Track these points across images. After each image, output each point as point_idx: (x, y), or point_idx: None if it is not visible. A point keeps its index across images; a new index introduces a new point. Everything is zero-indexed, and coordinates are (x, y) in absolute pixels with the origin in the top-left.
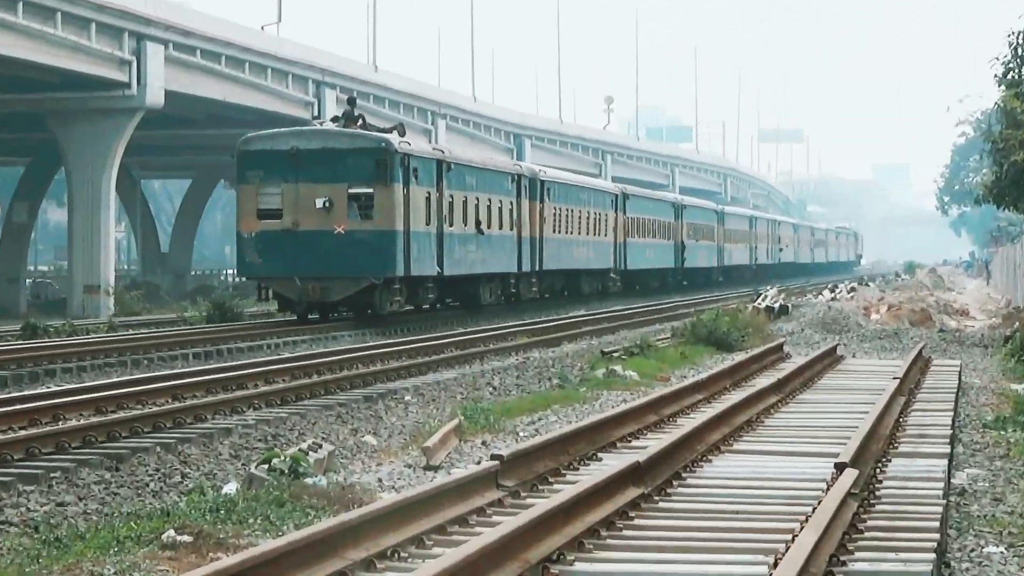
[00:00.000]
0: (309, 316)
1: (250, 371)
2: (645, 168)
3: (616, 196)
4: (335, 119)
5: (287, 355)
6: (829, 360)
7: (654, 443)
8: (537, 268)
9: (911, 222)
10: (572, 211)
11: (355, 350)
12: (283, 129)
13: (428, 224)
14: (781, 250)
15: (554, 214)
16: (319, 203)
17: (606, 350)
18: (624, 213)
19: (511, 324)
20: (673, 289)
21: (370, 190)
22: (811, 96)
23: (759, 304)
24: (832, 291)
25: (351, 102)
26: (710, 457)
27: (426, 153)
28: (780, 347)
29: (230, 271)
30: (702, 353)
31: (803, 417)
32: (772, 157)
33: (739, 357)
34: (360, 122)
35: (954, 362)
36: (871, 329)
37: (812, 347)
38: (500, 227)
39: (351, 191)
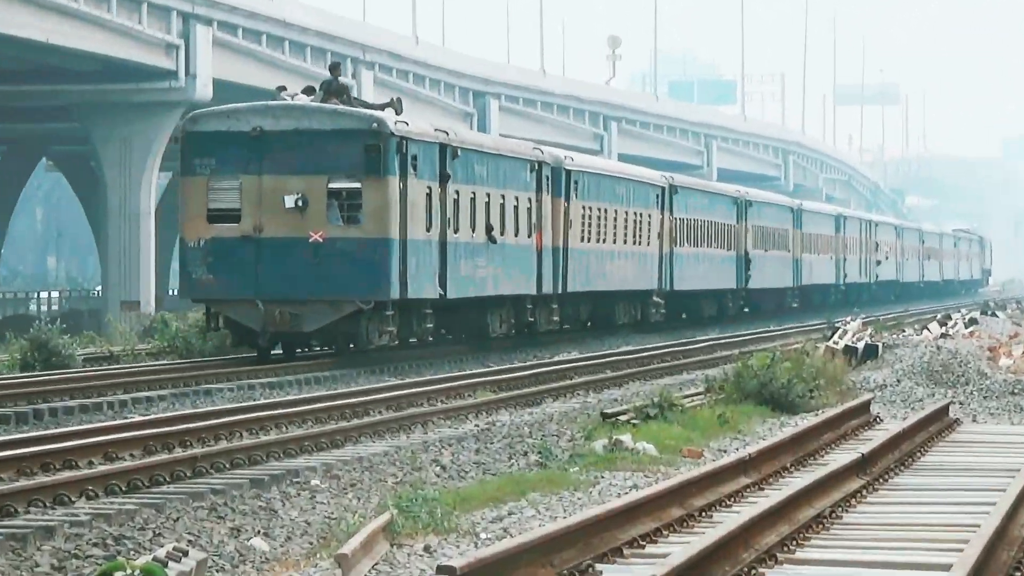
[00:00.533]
0: (272, 352)
1: (82, 442)
2: (667, 141)
3: (662, 190)
4: (309, 90)
5: (138, 418)
6: (938, 426)
7: (679, 550)
8: (560, 289)
9: None
10: (606, 211)
11: (242, 409)
12: (242, 104)
13: (428, 230)
14: (879, 263)
15: (583, 216)
16: (289, 202)
17: (609, 411)
18: (671, 213)
19: (511, 368)
20: (733, 318)
21: (357, 185)
22: (912, 41)
23: (835, 343)
24: (943, 324)
25: (334, 69)
26: (762, 570)
27: (427, 135)
28: (866, 407)
29: (56, 293)
30: (750, 416)
31: (899, 511)
32: (854, 126)
33: (805, 422)
34: (344, 95)
35: None
36: (1000, 381)
37: (913, 407)
38: (516, 233)
39: (332, 186)
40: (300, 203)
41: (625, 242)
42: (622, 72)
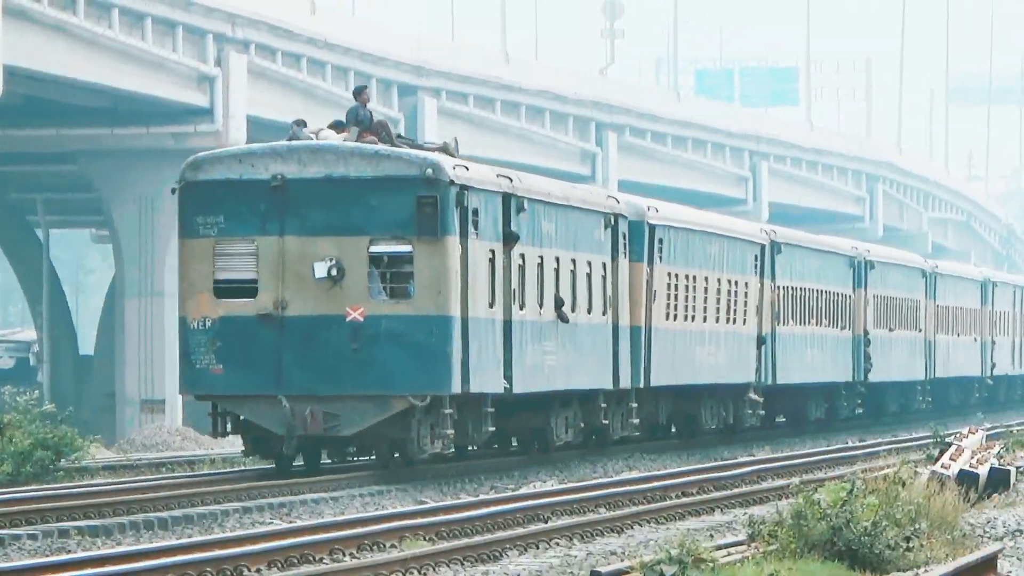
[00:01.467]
0: (294, 465)
1: None
2: (692, 163)
3: (763, 248)
4: (337, 125)
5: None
6: None
7: None
8: (642, 383)
9: None
10: (695, 278)
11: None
12: (258, 145)
13: (492, 306)
14: None
15: (669, 285)
16: (321, 270)
17: (603, 570)
18: (773, 279)
19: (455, 506)
20: (846, 422)
21: (408, 248)
22: None
23: (944, 467)
24: None
25: (359, 94)
26: None
27: (489, 183)
28: (991, 565)
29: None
30: None
31: None
32: (978, 139)
33: None
34: (383, 131)
35: None
36: None
37: None
38: (589, 309)
39: (375, 250)
40: (334, 272)
41: (719, 320)
42: (626, 56)
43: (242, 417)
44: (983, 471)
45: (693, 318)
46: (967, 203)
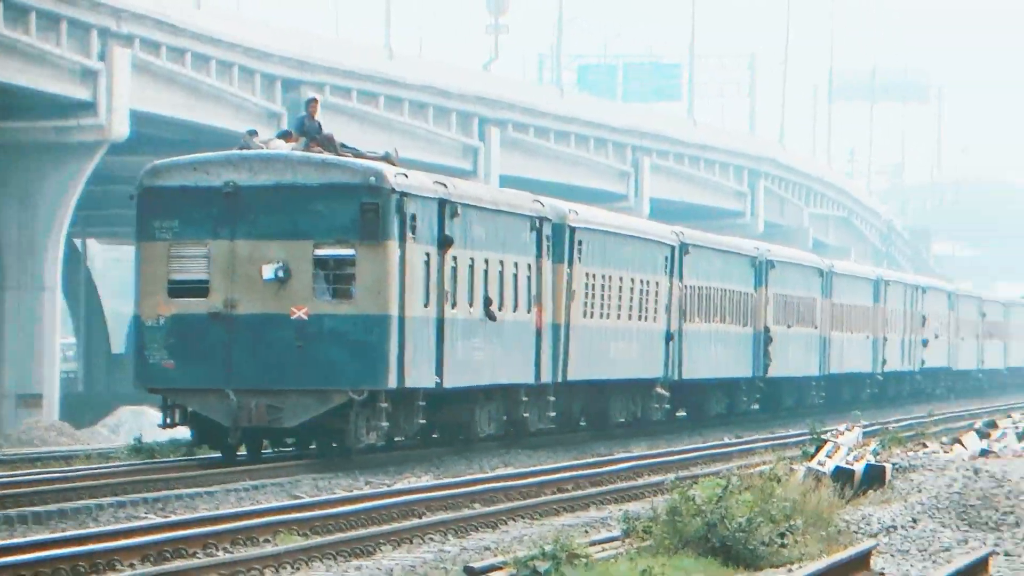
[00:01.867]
0: (239, 453)
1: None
2: (575, 157)
3: (672, 249)
4: (286, 135)
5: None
6: None
7: None
8: (561, 378)
9: None
10: (610, 278)
11: None
12: (212, 154)
13: (427, 306)
14: (926, 343)
15: (587, 284)
16: (269, 272)
17: (476, 565)
18: (681, 279)
19: (329, 501)
20: (749, 417)
21: (350, 251)
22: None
23: (820, 464)
24: (984, 436)
25: (309, 105)
26: None
27: (426, 189)
28: (865, 561)
29: None
30: (691, 572)
31: None
32: (859, 136)
33: None
34: (327, 143)
35: None
36: None
37: (935, 560)
38: (515, 308)
39: (319, 253)
40: (281, 274)
41: (630, 318)
42: (510, 52)
43: (190, 409)
44: (859, 468)
45: (608, 316)
46: (848, 199)
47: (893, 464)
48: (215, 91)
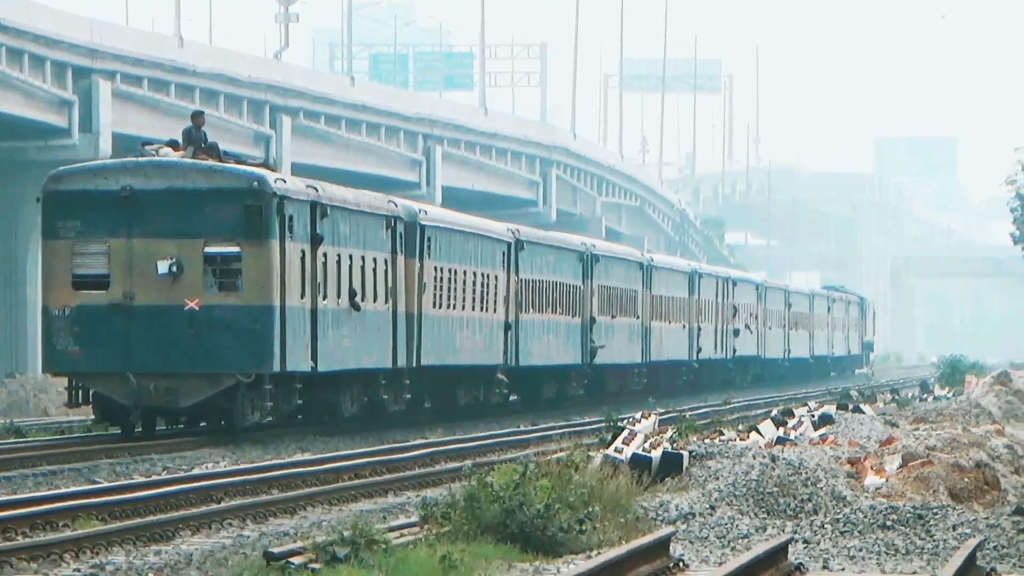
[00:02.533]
0: (136, 430)
1: None
2: (367, 147)
3: (509, 245)
4: (175, 144)
5: None
6: (772, 575)
7: None
8: (414, 363)
9: (961, 270)
10: (456, 272)
11: None
12: (110, 161)
13: (303, 297)
14: (737, 333)
15: (435, 278)
16: (163, 267)
17: (276, 550)
18: (517, 273)
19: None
20: (579, 402)
21: (236, 248)
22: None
23: (617, 451)
24: (780, 423)
25: (196, 117)
26: None
27: (301, 193)
28: (664, 547)
29: None
30: (490, 558)
31: None
32: (651, 126)
33: (572, 568)
34: (214, 150)
35: None
36: (864, 508)
37: (733, 546)
38: (375, 299)
39: (208, 250)
40: (174, 269)
41: (474, 308)
42: (301, 40)
43: (93, 391)
44: (656, 455)
45: (455, 306)
46: (641, 188)
47: (690, 451)
48: (5, 78)
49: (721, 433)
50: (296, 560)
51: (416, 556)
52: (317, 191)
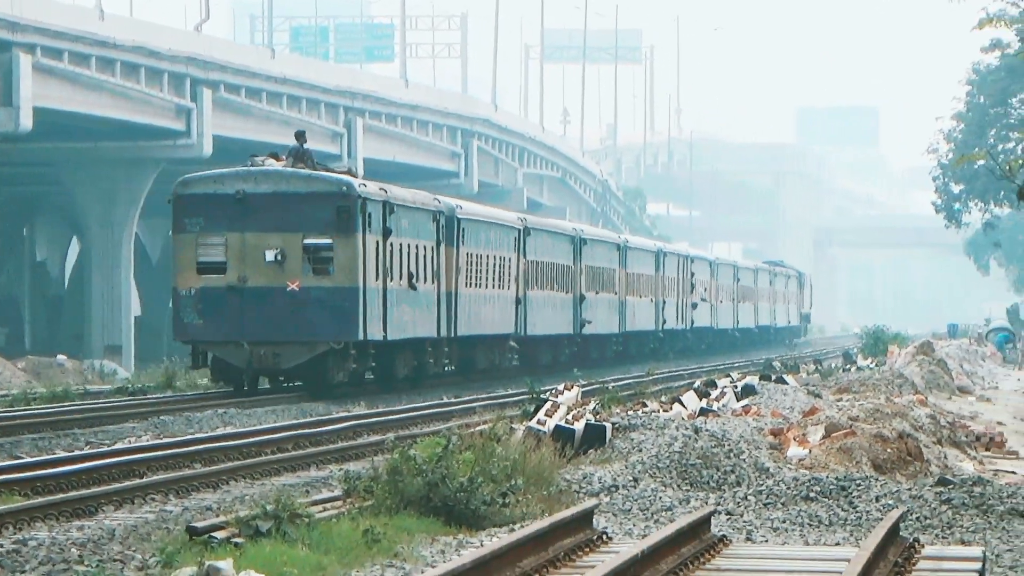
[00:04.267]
0: (245, 388)
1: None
2: (287, 118)
3: (519, 232)
4: (275, 156)
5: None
6: (694, 547)
7: None
8: (452, 333)
9: (883, 240)
10: (482, 256)
11: None
12: (227, 170)
13: (377, 279)
14: (695, 306)
15: (467, 261)
16: (270, 255)
17: (199, 525)
18: (525, 255)
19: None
20: (568, 366)
21: (328, 240)
22: None
23: (540, 423)
24: (704, 395)
25: (300, 136)
26: None
27: (376, 195)
28: (587, 519)
29: None
30: (413, 532)
31: None
32: (572, 97)
33: (495, 541)
34: (309, 160)
35: (970, 552)
36: (788, 480)
37: (657, 519)
38: (425, 280)
39: (306, 242)
40: (279, 257)
41: (494, 287)
42: (222, 12)
43: (212, 355)
44: (579, 427)
45: (480, 285)
46: (563, 160)
47: (613, 423)
48: None
49: (644, 405)
50: (219, 535)
51: (339, 530)
52: (386, 192)
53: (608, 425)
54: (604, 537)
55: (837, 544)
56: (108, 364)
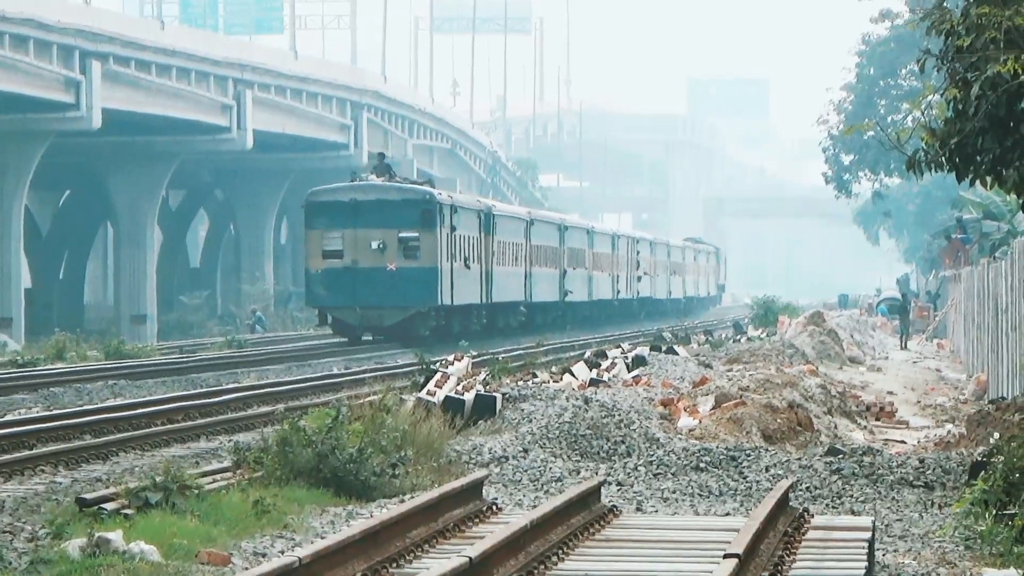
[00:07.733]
0: (362, 338)
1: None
2: (176, 91)
3: (527, 223)
4: (375, 171)
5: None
6: (584, 517)
7: None
8: (490, 301)
9: (774, 210)
10: (506, 242)
11: None
12: (343, 184)
13: (447, 261)
14: (640, 279)
15: (500, 247)
16: (374, 245)
17: (88, 496)
18: (530, 241)
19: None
20: (555, 327)
21: (416, 234)
22: None
23: (430, 394)
24: (594, 365)
25: (381, 156)
26: None
27: (446, 200)
28: (476, 489)
29: None
30: (303, 502)
31: None
32: (461, 69)
33: (385, 512)
34: (388, 174)
35: (860, 521)
36: (678, 450)
37: (547, 489)
38: (474, 261)
39: (401, 235)
40: (381, 246)
41: (512, 264)
42: None
43: (332, 316)
44: (469, 398)
45: (505, 264)
46: (453, 131)
47: (503, 394)
48: None
49: (534, 375)
50: (109, 506)
51: (229, 501)
52: (451, 198)
53: (498, 396)
54: (494, 507)
55: (727, 514)
56: None
